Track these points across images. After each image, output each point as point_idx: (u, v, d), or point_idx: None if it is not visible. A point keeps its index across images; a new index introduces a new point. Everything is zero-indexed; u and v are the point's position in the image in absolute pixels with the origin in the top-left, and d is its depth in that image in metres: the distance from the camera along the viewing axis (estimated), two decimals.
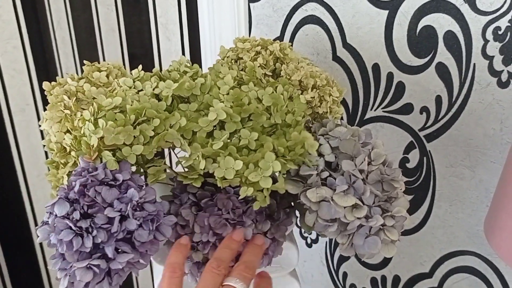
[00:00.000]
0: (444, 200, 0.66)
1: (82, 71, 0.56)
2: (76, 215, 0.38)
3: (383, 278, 0.77)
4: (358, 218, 0.41)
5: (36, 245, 1.21)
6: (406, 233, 0.71)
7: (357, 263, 0.79)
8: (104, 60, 1.04)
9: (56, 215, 0.38)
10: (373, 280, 0.78)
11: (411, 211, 0.69)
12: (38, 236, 0.40)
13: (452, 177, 0.64)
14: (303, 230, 0.85)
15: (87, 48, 1.06)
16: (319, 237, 0.83)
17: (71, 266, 0.39)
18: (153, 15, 0.90)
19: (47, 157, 1.17)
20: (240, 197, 0.40)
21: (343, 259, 0.81)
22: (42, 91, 1.10)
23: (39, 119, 1.13)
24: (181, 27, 0.87)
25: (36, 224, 1.20)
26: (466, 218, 0.65)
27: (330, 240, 0.82)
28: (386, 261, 0.75)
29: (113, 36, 0.99)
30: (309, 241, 0.85)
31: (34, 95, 1.11)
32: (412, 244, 0.71)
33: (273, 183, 0.40)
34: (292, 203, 0.50)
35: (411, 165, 0.67)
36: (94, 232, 0.38)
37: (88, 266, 0.38)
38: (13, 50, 1.05)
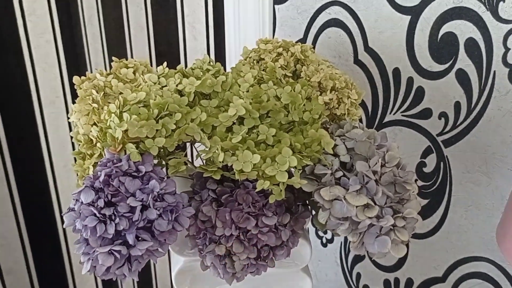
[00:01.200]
0: (460, 205, 0.66)
1: (110, 66, 0.59)
2: (101, 203, 0.40)
3: (396, 280, 0.77)
4: (369, 218, 0.42)
5: (59, 232, 1.25)
6: (420, 237, 0.72)
7: (371, 265, 0.80)
8: (132, 56, 1.07)
9: (82, 202, 0.41)
10: (386, 282, 0.79)
11: (427, 215, 0.70)
12: (64, 222, 0.43)
13: (469, 183, 0.64)
14: (318, 229, 0.86)
15: (116, 45, 1.09)
16: (334, 237, 0.84)
17: (94, 251, 0.41)
18: (181, 14, 0.92)
19: (73, 149, 1.21)
20: (256, 190, 0.42)
21: (357, 260, 0.82)
22: (71, 85, 1.14)
23: (67, 111, 1.17)
24: (207, 26, 0.89)
25: (61, 212, 1.24)
26: (481, 224, 0.65)
27: (345, 240, 0.83)
28: (399, 264, 0.76)
29: (141, 33, 1.02)
30: (324, 240, 0.86)
31: (64, 89, 1.15)
32: (426, 248, 0.72)
33: (289, 178, 0.42)
34: (307, 201, 0.52)
35: (427, 169, 0.68)
36: (117, 220, 0.40)
37: (110, 251, 0.40)
38: (46, 44, 1.09)
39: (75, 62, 1.13)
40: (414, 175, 0.46)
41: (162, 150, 0.46)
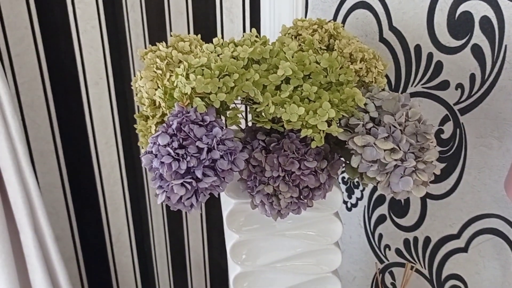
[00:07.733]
0: (474, 167, 0.74)
1: None
2: (175, 144, 0.50)
3: (415, 239, 0.85)
4: (395, 160, 0.50)
5: (101, 203, 1.36)
6: (437, 198, 0.80)
7: (392, 226, 0.88)
8: None
9: (159, 144, 0.50)
10: (406, 241, 0.87)
11: (444, 178, 0.78)
12: (142, 162, 0.52)
13: (482, 147, 0.72)
14: (345, 194, 0.95)
15: (157, 29, 1.18)
16: (358, 202, 0.93)
17: (168, 184, 0.50)
18: (219, 0, 1.01)
19: (114, 127, 1.31)
20: (301, 137, 0.50)
21: (379, 221, 0.90)
22: (114, 67, 1.24)
23: (110, 92, 1.26)
24: (243, 10, 0.98)
25: (102, 186, 1.34)
26: (493, 184, 0.73)
27: (368, 204, 0.91)
28: (418, 224, 0.84)
29: (181, 18, 1.11)
30: (349, 205, 0.95)
31: (107, 71, 1.24)
32: (443, 208, 0.80)
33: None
34: (339, 155, 0.60)
35: (445, 136, 0.76)
36: (188, 158, 0.49)
37: (182, 183, 0.49)
38: (92, 30, 1.19)
39: (117, 46, 1.23)
40: (433, 127, 0.54)
41: (220, 106, 0.55)
